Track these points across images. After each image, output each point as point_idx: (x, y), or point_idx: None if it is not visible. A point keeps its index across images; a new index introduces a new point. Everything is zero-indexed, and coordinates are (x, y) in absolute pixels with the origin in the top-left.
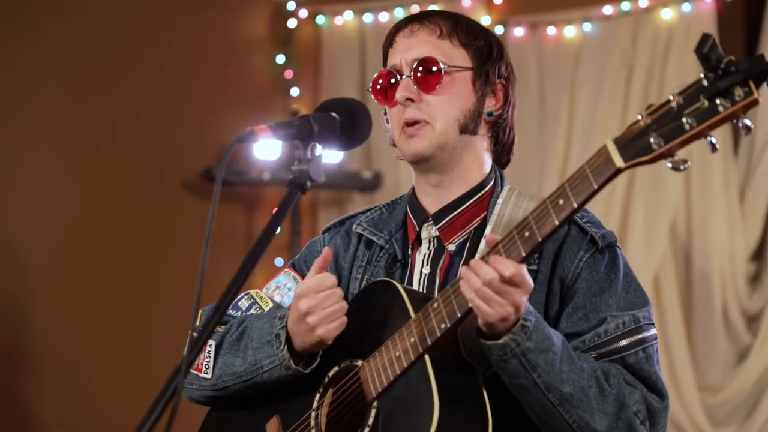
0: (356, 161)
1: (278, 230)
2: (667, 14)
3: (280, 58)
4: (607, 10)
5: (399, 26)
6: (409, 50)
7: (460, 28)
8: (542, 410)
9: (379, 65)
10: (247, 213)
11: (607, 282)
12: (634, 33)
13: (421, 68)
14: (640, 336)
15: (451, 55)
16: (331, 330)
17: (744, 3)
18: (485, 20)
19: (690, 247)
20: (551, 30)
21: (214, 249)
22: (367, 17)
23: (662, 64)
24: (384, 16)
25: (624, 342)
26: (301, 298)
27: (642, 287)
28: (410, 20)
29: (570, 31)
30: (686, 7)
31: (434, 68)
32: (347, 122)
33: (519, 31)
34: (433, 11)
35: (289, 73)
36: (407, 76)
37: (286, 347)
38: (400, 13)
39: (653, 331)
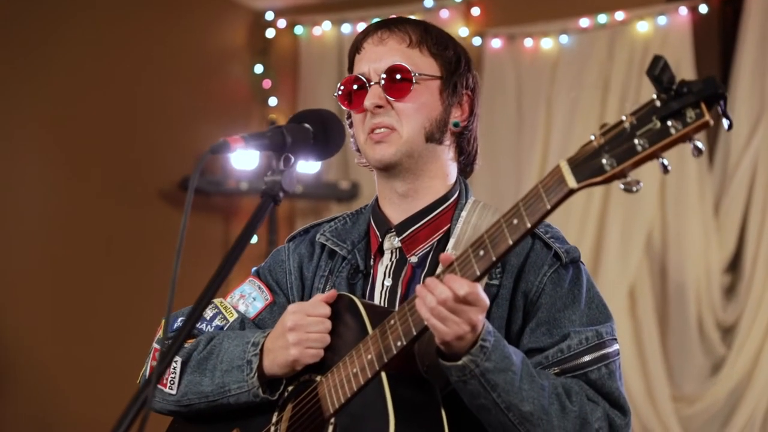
0: (334, 172)
1: (255, 239)
2: (642, 27)
3: (259, 68)
4: (584, 22)
5: (367, 32)
6: (378, 59)
7: (429, 37)
8: (502, 429)
9: None
10: (223, 223)
11: (571, 297)
12: (610, 45)
13: (391, 76)
14: (602, 352)
15: (420, 64)
16: (305, 355)
17: (719, 15)
18: (463, 32)
19: (665, 259)
20: (528, 42)
21: (190, 259)
22: (345, 28)
23: (638, 76)
24: (362, 27)
25: (587, 358)
26: (291, 313)
27: (605, 303)
28: (378, 27)
29: (547, 43)
30: (662, 20)
31: (404, 77)
32: (320, 132)
33: (496, 43)
34: (402, 19)
35: (267, 83)
36: (376, 83)
37: (256, 375)
38: None
39: (616, 346)
